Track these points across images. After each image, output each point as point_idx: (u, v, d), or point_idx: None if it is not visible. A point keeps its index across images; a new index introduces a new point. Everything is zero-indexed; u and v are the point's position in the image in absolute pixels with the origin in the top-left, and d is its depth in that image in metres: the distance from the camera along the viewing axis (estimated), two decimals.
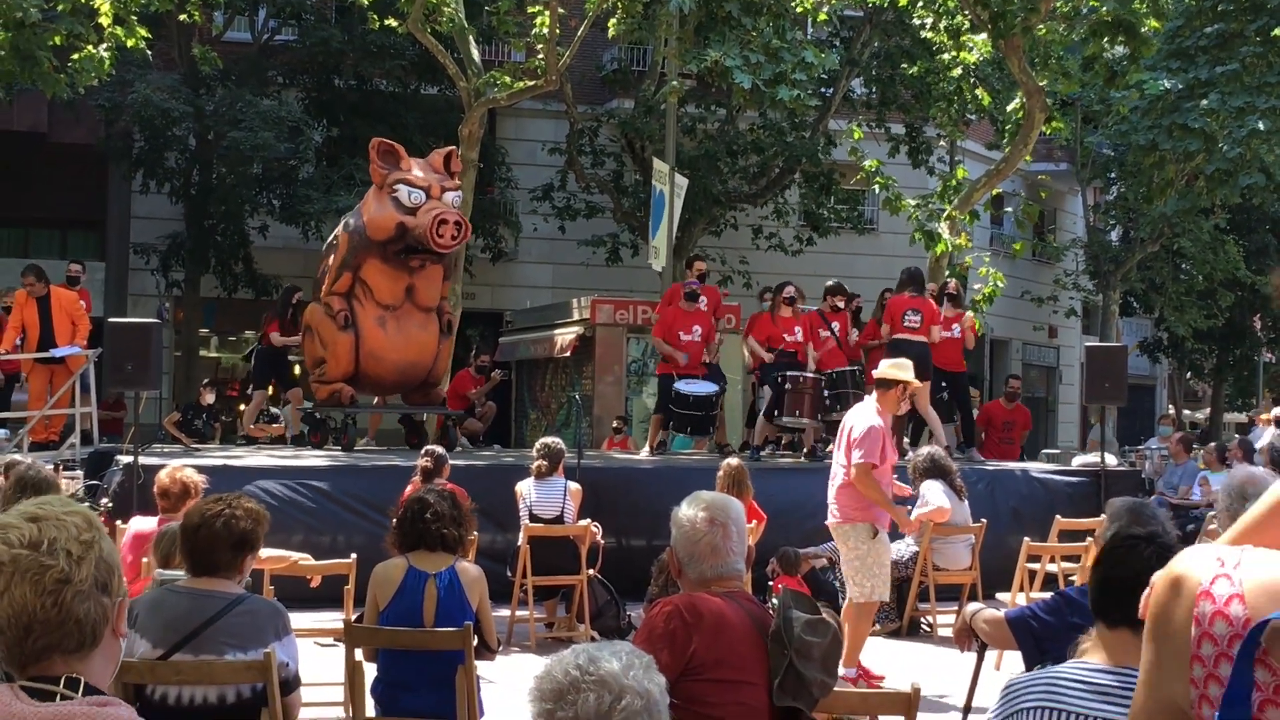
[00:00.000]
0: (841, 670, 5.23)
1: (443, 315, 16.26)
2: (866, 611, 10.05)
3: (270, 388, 19.74)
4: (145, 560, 7.38)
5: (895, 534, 13.08)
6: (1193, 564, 1.61)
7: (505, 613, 11.43)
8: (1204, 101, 23.02)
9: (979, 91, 24.72)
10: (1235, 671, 1.47)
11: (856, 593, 9.99)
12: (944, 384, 16.76)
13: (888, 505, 10.10)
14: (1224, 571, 1.56)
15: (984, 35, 21.92)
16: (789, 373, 15.85)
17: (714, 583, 4.77)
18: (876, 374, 10.40)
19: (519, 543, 11.76)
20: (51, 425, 16.11)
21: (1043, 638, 5.23)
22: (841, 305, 17.52)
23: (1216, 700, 1.50)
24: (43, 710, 2.29)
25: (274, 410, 23.99)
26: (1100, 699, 3.34)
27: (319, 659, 8.79)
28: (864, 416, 10.08)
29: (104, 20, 19.09)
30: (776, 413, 15.86)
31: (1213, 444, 18.47)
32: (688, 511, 4.86)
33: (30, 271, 16.64)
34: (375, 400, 17.68)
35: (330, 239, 16.88)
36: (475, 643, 6.42)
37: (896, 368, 10.27)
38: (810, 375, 15.75)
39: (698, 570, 4.80)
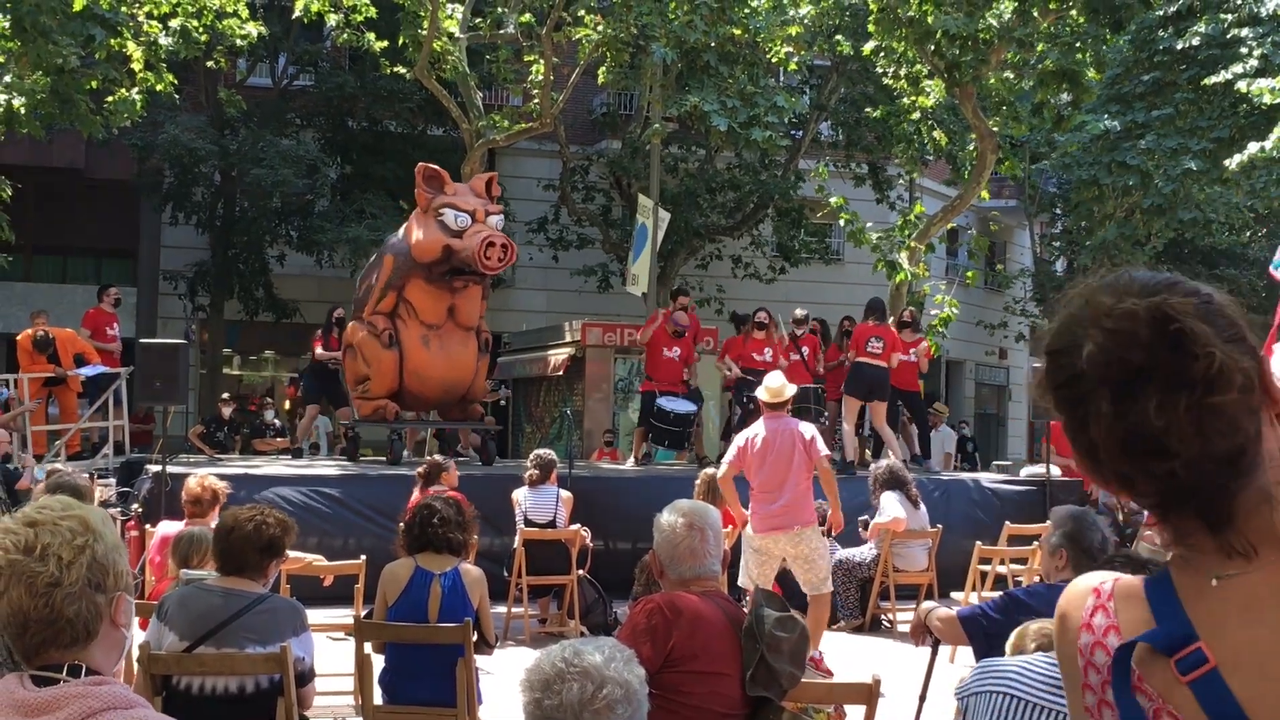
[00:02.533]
0: None
1: (481, 334, 15.73)
2: None
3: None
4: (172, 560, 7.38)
5: (860, 538, 13.20)
6: (1073, 599, 1.60)
7: (502, 610, 11.41)
8: (1141, 142, 23.14)
9: (936, 134, 24.80)
10: (1119, 704, 1.48)
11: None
12: (899, 402, 16.84)
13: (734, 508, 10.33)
14: (1100, 603, 1.56)
15: (940, 82, 22.01)
16: (750, 394, 15.93)
17: (692, 583, 4.78)
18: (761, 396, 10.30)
19: (515, 545, 11.76)
20: (71, 439, 16.11)
21: (992, 634, 5.23)
22: (801, 332, 17.66)
23: None
24: (43, 694, 2.32)
25: (277, 423, 23.97)
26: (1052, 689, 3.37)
27: (331, 652, 8.78)
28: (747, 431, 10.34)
29: (136, 66, 19.11)
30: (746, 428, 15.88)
31: None
32: (668, 518, 4.88)
33: (40, 314, 16.68)
34: (416, 415, 17.20)
35: (370, 261, 16.52)
36: (475, 637, 6.42)
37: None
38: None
39: (677, 571, 4.82)
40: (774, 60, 22.19)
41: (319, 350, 17.44)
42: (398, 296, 15.08)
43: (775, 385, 10.17)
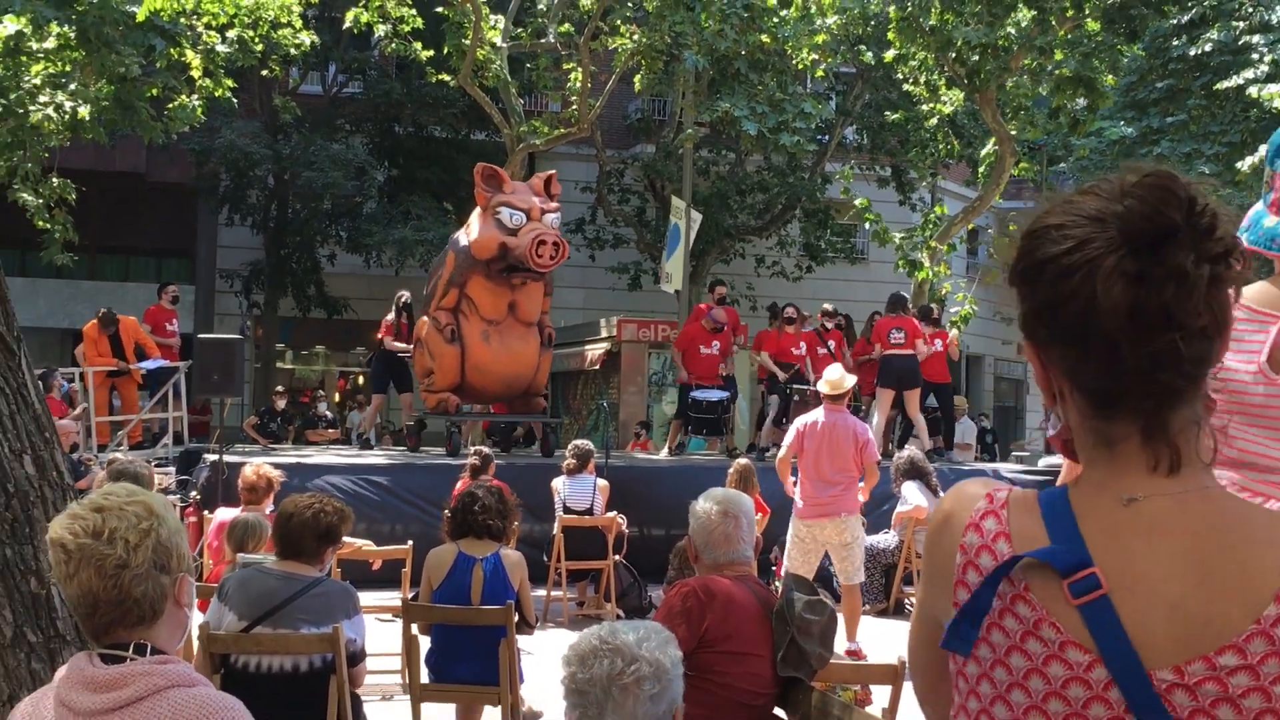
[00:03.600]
0: None
1: (544, 329, 15.60)
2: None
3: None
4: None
5: (885, 524, 13.19)
6: (962, 499, 1.61)
7: (542, 593, 11.43)
8: (1156, 147, 22.99)
9: (952, 140, 24.72)
10: (977, 594, 1.49)
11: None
12: (930, 394, 16.78)
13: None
14: (993, 509, 1.56)
15: (958, 90, 21.94)
16: (796, 385, 15.95)
17: (725, 567, 4.78)
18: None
19: (554, 531, 11.77)
20: (132, 430, 16.22)
21: None
22: (830, 325, 17.64)
23: None
24: (110, 671, 2.34)
25: (328, 414, 24.06)
26: None
27: (379, 633, 8.81)
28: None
29: (195, 74, 19.18)
30: (785, 420, 15.84)
31: None
32: (704, 505, 4.87)
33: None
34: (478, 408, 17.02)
35: (438, 258, 16.40)
36: (516, 619, 6.43)
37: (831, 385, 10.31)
38: (814, 388, 15.75)
39: (711, 556, 4.81)
40: (801, 68, 22.12)
41: (389, 340, 17.32)
42: (460, 293, 14.98)
43: (835, 378, 10.30)
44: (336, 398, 31.49)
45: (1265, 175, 2.84)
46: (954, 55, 21.32)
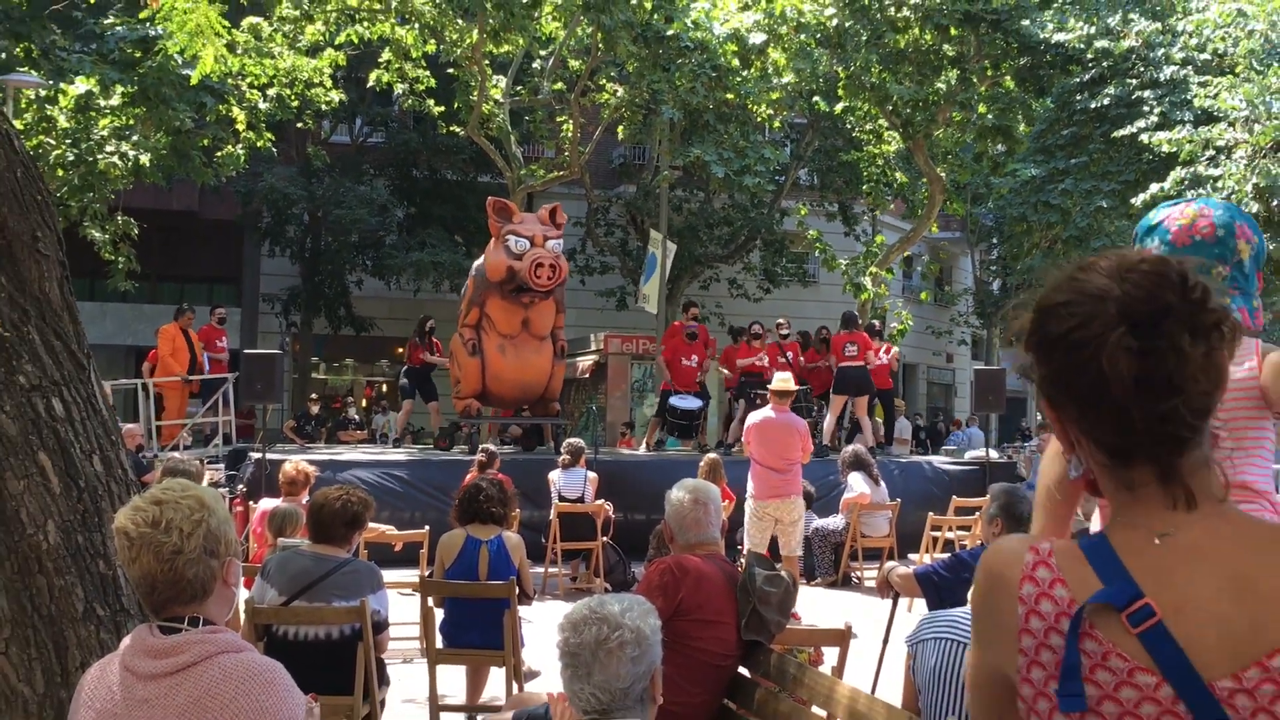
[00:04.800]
0: None
1: (557, 341, 15.49)
2: None
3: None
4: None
5: (834, 509, 13.20)
6: (1008, 557, 1.56)
7: (540, 570, 11.42)
8: (1061, 185, 23.06)
9: (898, 175, 24.78)
10: (1068, 648, 1.45)
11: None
12: (874, 399, 16.83)
13: None
14: (1041, 559, 1.52)
15: (898, 133, 22.03)
16: (757, 390, 16.00)
17: (697, 547, 4.78)
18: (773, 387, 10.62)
19: (550, 517, 11.77)
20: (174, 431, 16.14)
21: (942, 588, 5.22)
22: (788, 338, 17.74)
23: (1046, 664, 1.48)
24: (167, 640, 2.36)
25: (356, 418, 23.99)
26: None
27: (400, 605, 8.79)
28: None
29: (240, 127, 19.18)
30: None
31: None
32: (677, 494, 4.88)
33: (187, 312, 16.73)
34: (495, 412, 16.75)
35: (467, 280, 16.30)
36: (517, 592, 6.43)
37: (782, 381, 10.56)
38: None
39: (684, 538, 4.82)
40: (761, 119, 22.20)
41: (425, 356, 17.29)
42: (480, 311, 14.96)
43: (783, 378, 10.66)
44: (364, 403, 31.41)
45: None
46: (891, 108, 21.41)
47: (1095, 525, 3.16)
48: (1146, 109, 20.74)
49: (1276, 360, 2.75)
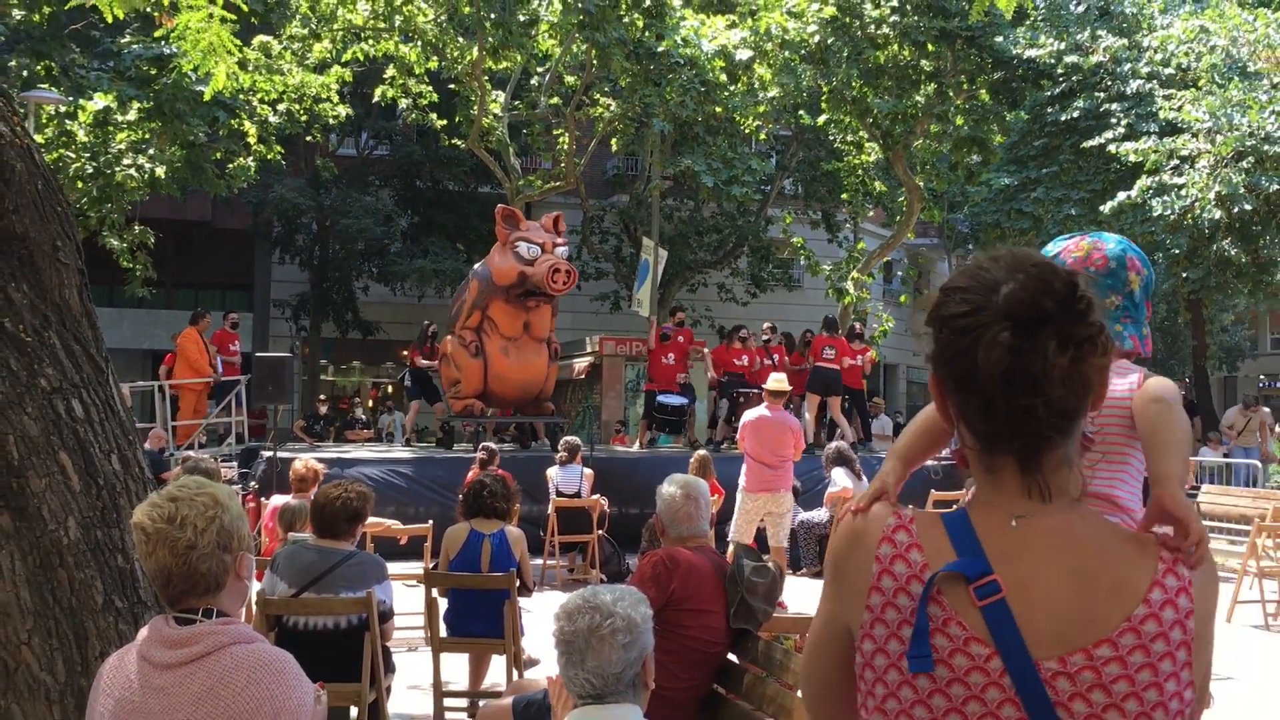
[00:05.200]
0: None
1: (551, 344, 15.39)
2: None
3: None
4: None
5: (818, 503, 13.20)
6: (872, 519, 1.58)
7: (539, 562, 11.42)
8: (1033, 193, 23.11)
9: (877, 184, 24.81)
10: (919, 611, 1.46)
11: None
12: (847, 398, 16.84)
13: None
14: (902, 524, 1.54)
15: (879, 145, 22.07)
16: (740, 389, 16.07)
17: (688, 540, 4.78)
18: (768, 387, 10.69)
19: (548, 511, 11.77)
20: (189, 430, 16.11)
21: None
22: (774, 341, 17.78)
23: (891, 623, 1.49)
24: (183, 631, 2.36)
25: (363, 418, 23.96)
26: None
27: (406, 596, 8.79)
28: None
29: (251, 141, 19.17)
30: (733, 417, 15.89)
31: None
32: (668, 489, 4.88)
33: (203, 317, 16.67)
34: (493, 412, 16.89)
35: (460, 285, 16.22)
36: (518, 584, 6.43)
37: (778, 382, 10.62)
38: (755, 390, 15.79)
39: (676, 531, 4.82)
40: (748, 131, 22.21)
41: (419, 360, 17.27)
42: (482, 314, 14.87)
43: (778, 378, 10.75)
44: (370, 404, 31.37)
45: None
46: (871, 121, 21.44)
47: None
48: (1114, 121, 20.80)
49: (1151, 389, 2.77)
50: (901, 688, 1.49)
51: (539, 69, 22.68)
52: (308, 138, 23.69)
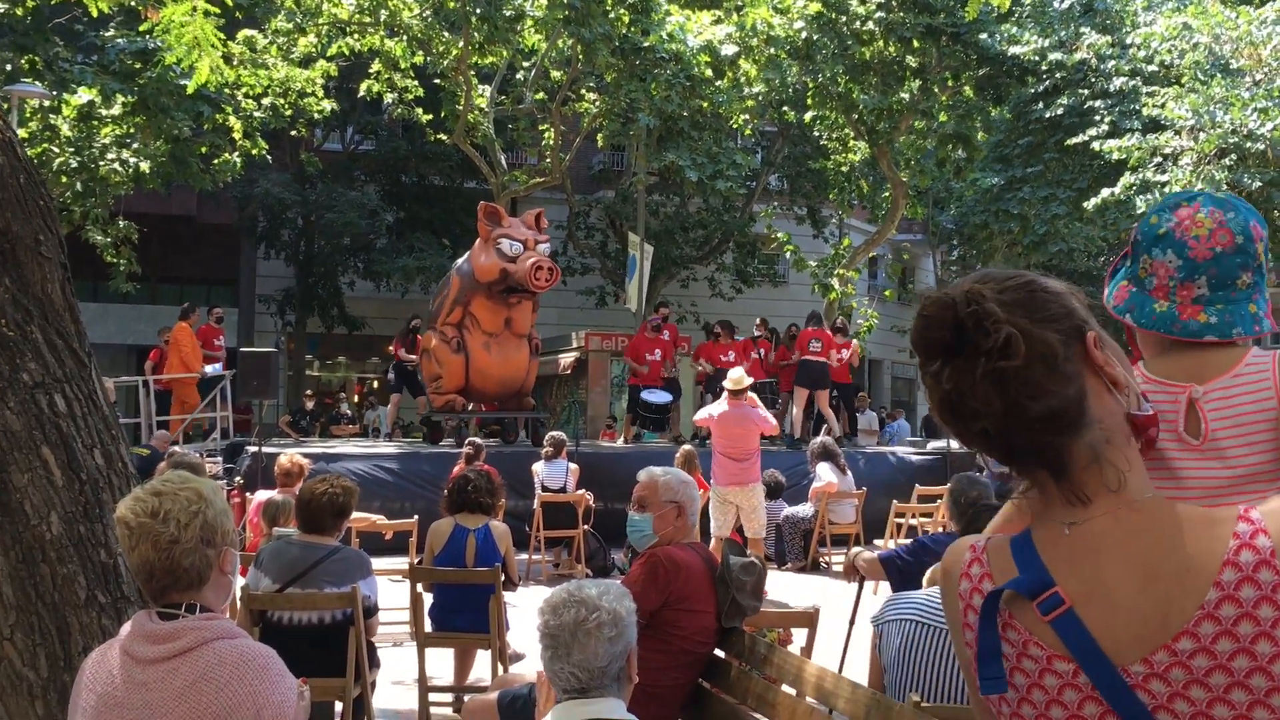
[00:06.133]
0: None
1: (532, 340, 15.33)
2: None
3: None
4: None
5: (803, 498, 13.22)
6: (954, 554, 1.55)
7: (524, 557, 11.42)
8: (1020, 193, 23.17)
9: (861, 183, 24.85)
10: (980, 633, 1.44)
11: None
12: (835, 392, 16.85)
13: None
14: (976, 556, 1.51)
15: (864, 142, 22.09)
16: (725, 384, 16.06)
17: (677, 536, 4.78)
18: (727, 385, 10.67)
19: (534, 506, 11.77)
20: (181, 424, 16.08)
21: (905, 572, 5.25)
22: (761, 335, 17.79)
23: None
24: (166, 626, 2.35)
25: (348, 413, 23.92)
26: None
27: (391, 591, 8.77)
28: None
29: (236, 135, 19.08)
30: None
31: None
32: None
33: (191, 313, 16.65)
34: (474, 406, 16.84)
35: (441, 281, 16.12)
36: (503, 578, 6.43)
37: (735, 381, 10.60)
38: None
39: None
40: (734, 126, 22.21)
41: (401, 353, 17.31)
42: (464, 310, 14.81)
43: (735, 376, 10.64)
44: (355, 399, 31.33)
45: (1142, 261, 2.42)
46: (856, 117, 21.47)
47: None
48: (1098, 118, 20.86)
49: None
50: None
51: (525, 64, 22.64)
52: (293, 132, 23.59)
